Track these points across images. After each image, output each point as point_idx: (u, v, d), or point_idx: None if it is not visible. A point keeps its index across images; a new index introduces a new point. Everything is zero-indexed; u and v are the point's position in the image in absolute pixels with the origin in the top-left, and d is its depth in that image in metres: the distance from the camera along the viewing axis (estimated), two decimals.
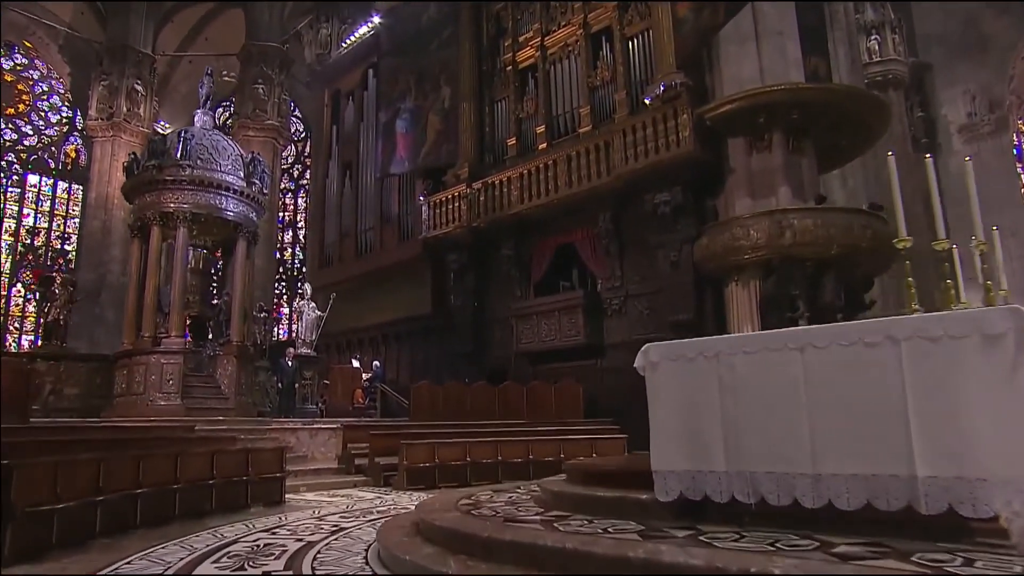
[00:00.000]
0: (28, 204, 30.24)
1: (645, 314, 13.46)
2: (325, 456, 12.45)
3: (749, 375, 3.96)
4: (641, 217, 13.40)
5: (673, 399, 4.28)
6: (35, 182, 30.49)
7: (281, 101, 27.46)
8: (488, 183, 15.91)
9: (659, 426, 4.30)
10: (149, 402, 11.75)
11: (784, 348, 3.83)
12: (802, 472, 3.63)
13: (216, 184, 12.78)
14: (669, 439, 4.22)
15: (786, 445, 3.72)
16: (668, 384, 4.33)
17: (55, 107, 31.65)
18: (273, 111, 27.05)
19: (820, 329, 3.84)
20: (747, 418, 3.91)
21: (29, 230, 30.20)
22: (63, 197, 31.09)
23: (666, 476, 4.18)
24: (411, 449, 9.83)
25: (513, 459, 10.40)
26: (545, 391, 13.54)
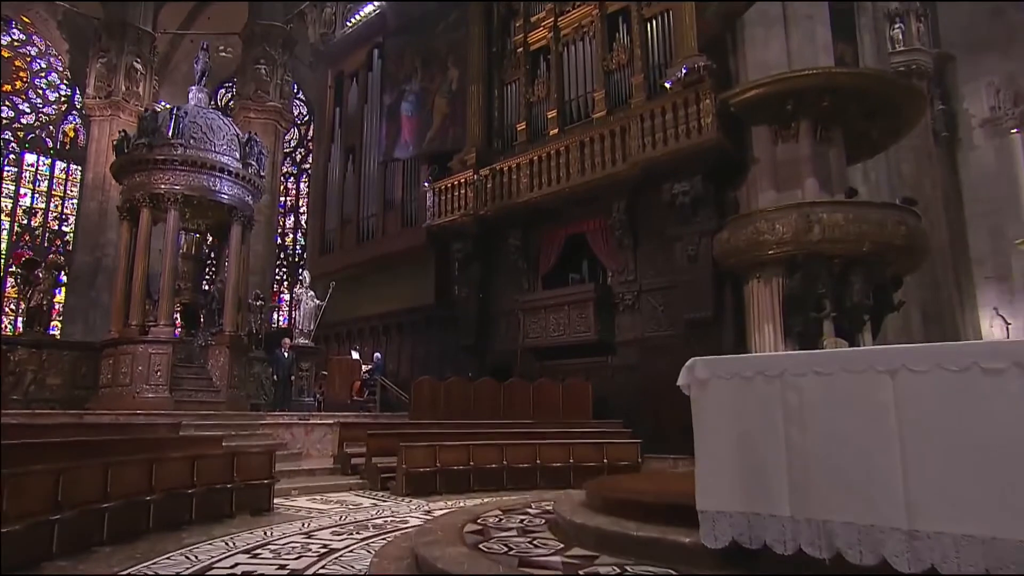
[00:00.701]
0: (25, 184, 29.58)
1: (659, 310, 12.73)
2: (321, 454, 11.80)
3: (822, 401, 3.23)
4: (658, 208, 12.63)
5: (725, 425, 3.56)
6: (32, 161, 29.76)
7: (284, 82, 26.64)
8: (496, 169, 15.13)
9: (707, 457, 3.59)
10: (136, 394, 11.08)
11: (869, 370, 3.10)
12: (894, 526, 2.91)
13: (210, 165, 12.04)
14: (719, 473, 3.50)
15: (871, 490, 3.00)
16: (719, 407, 3.60)
17: (53, 85, 30.86)
18: (275, 93, 26.25)
19: (917, 350, 3.10)
20: (820, 453, 3.19)
21: (26, 210, 29.53)
22: (61, 177, 30.40)
23: (715, 518, 3.47)
24: (410, 452, 9.14)
25: (519, 464, 9.71)
26: (552, 389, 12.84)
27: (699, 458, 3.62)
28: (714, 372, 3.64)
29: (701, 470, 3.58)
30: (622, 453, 10.15)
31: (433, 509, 7.78)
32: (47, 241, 29.74)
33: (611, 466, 9.98)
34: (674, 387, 12.28)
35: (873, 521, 2.97)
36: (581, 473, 9.86)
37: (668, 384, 11.60)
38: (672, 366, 11.27)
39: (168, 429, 8.67)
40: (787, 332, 11.16)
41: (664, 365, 12.52)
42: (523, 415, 12.55)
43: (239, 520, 6.88)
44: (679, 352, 12.61)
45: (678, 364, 11.37)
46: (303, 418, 12.19)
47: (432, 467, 9.16)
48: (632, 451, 10.21)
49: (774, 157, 11.74)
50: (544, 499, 7.15)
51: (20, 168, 29.59)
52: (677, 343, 12.32)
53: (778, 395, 3.36)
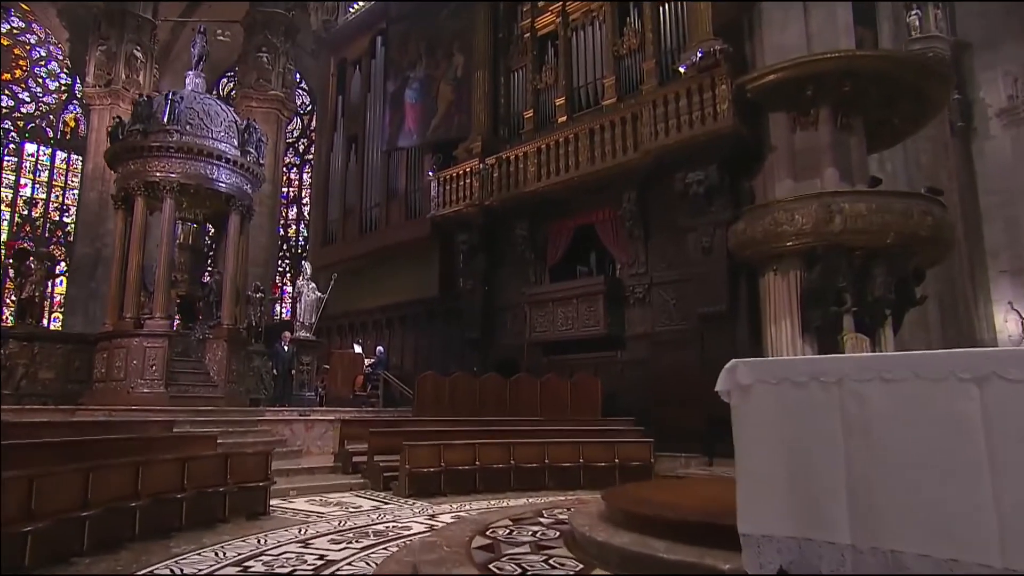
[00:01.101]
0: (26, 174, 29.17)
1: (671, 304, 12.26)
2: (321, 451, 11.40)
3: (890, 412, 2.78)
4: (670, 198, 12.14)
5: (772, 438, 3.11)
6: (33, 151, 29.33)
7: (286, 71, 26.19)
8: (503, 158, 14.64)
9: (750, 474, 3.14)
10: (130, 389, 10.68)
11: (950, 377, 2.65)
12: (982, 562, 2.46)
13: (207, 152, 11.58)
14: (765, 492, 3.05)
15: (953, 519, 2.56)
16: (764, 416, 3.15)
17: (53, 74, 30.37)
18: (277, 81, 25.79)
19: (1011, 354, 2.64)
20: (888, 472, 2.75)
21: (27, 201, 29.15)
22: (62, 168, 29.94)
23: (760, 543, 3.03)
24: (414, 451, 8.72)
25: (527, 464, 9.29)
26: (560, 385, 12.40)
27: (741, 474, 3.18)
28: (759, 376, 3.18)
29: (744, 488, 3.13)
30: (633, 453, 9.72)
31: (437, 513, 7.36)
32: (48, 232, 29.32)
33: (622, 466, 9.55)
34: (686, 383, 11.79)
35: (955, 555, 2.53)
36: (591, 474, 9.46)
37: (679, 380, 11.15)
38: (684, 361, 10.80)
39: (161, 427, 8.27)
40: (805, 327, 10.70)
41: (675, 360, 12.13)
42: (530, 412, 12.13)
43: (232, 526, 6.47)
44: (691, 347, 12.23)
45: (690, 359, 10.88)
46: (303, 414, 11.79)
47: (436, 467, 8.74)
48: (644, 451, 9.78)
49: (792, 145, 11.26)
50: (556, 505, 6.73)
51: (20, 158, 29.20)
52: (689, 338, 11.88)
53: (836, 404, 2.91)
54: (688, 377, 11.72)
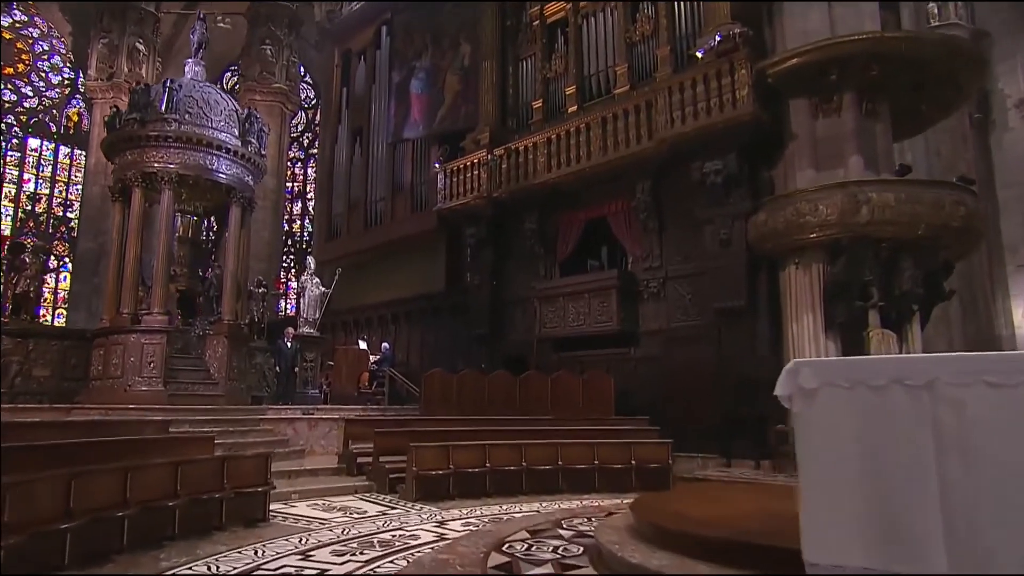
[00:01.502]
0: (29, 169, 28.87)
1: (687, 299, 11.78)
2: (325, 450, 11.01)
3: (996, 422, 2.32)
4: (686, 188, 11.66)
5: (844, 450, 2.64)
6: (36, 146, 28.99)
7: (290, 63, 25.75)
8: (512, 149, 14.17)
9: (818, 492, 2.68)
10: (128, 387, 10.26)
11: None
12: None
13: (206, 142, 11.14)
14: (837, 514, 2.59)
15: None
16: (834, 425, 2.69)
17: (56, 68, 30.00)
18: (281, 74, 25.36)
19: None
20: (994, 494, 2.28)
21: (30, 196, 28.84)
22: (65, 163, 29.58)
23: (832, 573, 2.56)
24: (421, 453, 8.28)
25: (540, 466, 8.83)
26: (572, 383, 11.94)
27: (806, 492, 2.71)
28: (827, 379, 2.72)
29: (810, 509, 2.67)
30: (651, 454, 9.25)
31: (447, 520, 6.93)
32: (51, 228, 28.97)
33: (639, 468, 9.10)
34: (702, 381, 11.20)
35: None
36: (607, 476, 9.02)
37: (695, 377, 10.66)
38: (700, 358, 10.31)
39: (156, 428, 7.84)
40: (828, 323, 10.21)
41: (691, 357, 11.66)
42: (541, 410, 11.68)
43: (229, 534, 6.05)
44: (708, 343, 11.75)
45: (706, 356, 10.37)
46: (307, 412, 11.38)
47: (445, 469, 8.30)
48: (662, 452, 9.31)
49: (814, 133, 10.75)
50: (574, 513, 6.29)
51: (23, 153, 28.89)
52: (706, 334, 11.41)
53: (927, 412, 2.45)
54: (704, 374, 11.28)
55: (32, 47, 29.34)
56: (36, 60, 29.35)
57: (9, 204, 28.40)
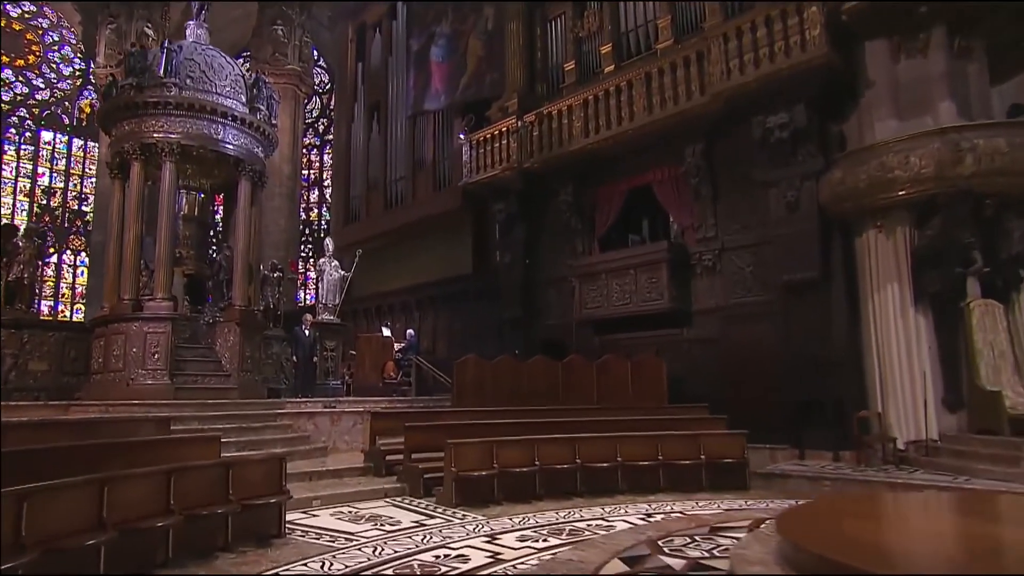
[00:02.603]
0: (43, 162, 28.11)
1: (747, 271, 10.42)
2: (349, 447, 9.87)
3: None
4: (744, 148, 10.29)
5: None
6: (49, 139, 28.20)
7: (302, 44, 24.58)
8: (543, 114, 12.84)
9: None
10: (130, 380, 9.18)
11: None
12: None
13: (210, 109, 9.96)
14: None
15: None
16: None
17: (67, 59, 29.11)
18: (294, 55, 24.21)
19: None
20: None
21: (45, 190, 28.09)
22: (79, 155, 28.75)
23: None
24: (461, 451, 7.06)
25: (596, 463, 7.58)
26: (620, 368, 10.66)
27: None
28: None
29: None
30: (722, 447, 7.95)
31: (497, 532, 5.71)
32: (67, 221, 28.20)
33: (709, 464, 7.80)
34: (767, 363, 9.34)
35: None
36: (672, 474, 7.75)
37: (759, 359, 9.21)
38: (764, 337, 8.87)
39: (155, 427, 6.70)
40: (918, 294, 8.82)
41: (753, 337, 10.31)
42: (585, 400, 10.44)
43: (236, 557, 4.88)
44: (773, 321, 10.33)
45: (771, 335, 8.75)
46: (329, 405, 10.24)
47: (489, 470, 7.08)
48: (735, 445, 7.99)
49: (895, 78, 9.30)
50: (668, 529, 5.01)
51: (37, 146, 28.16)
52: (771, 310, 10.07)
53: None
54: (769, 356, 9.94)
55: (42, 38, 28.48)
56: (47, 51, 28.50)
57: (24, 199, 27.70)
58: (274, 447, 8.76)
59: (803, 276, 9.50)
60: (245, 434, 8.81)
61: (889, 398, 8.77)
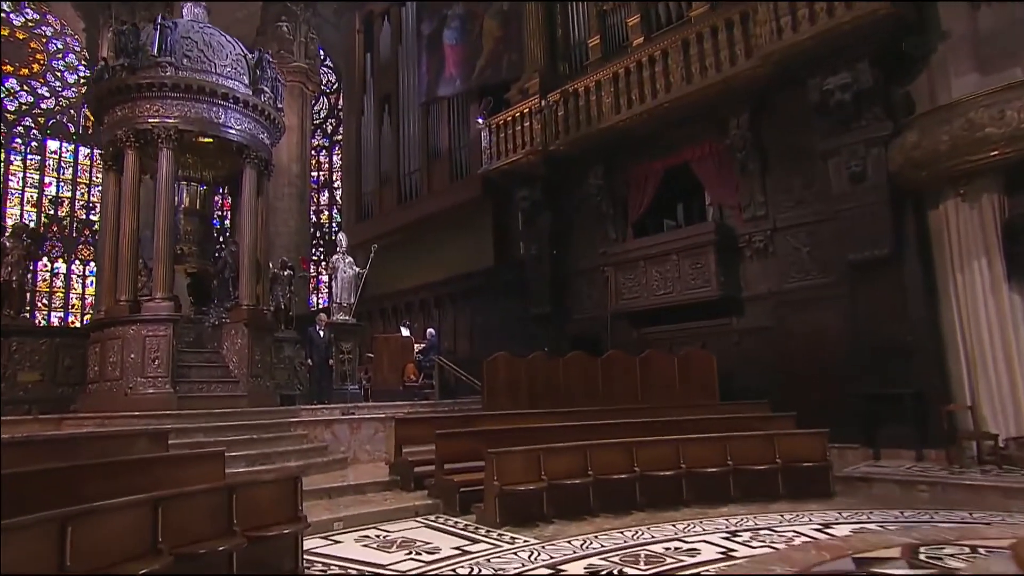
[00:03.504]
0: (49, 172, 27.43)
1: (804, 252, 9.33)
2: (372, 457, 8.85)
3: None
4: (798, 116, 9.23)
5: None
6: (55, 148, 27.49)
7: (308, 40, 23.70)
8: (569, 92, 11.81)
9: None
10: (129, 390, 8.21)
11: None
12: None
13: (210, 90, 9.00)
14: None
15: None
16: None
17: (71, 66, 28.37)
18: (300, 52, 23.33)
19: None
20: None
21: (52, 200, 27.39)
22: (86, 163, 28.02)
23: None
24: (505, 461, 6.02)
25: (656, 471, 6.53)
26: (665, 364, 9.60)
27: None
28: None
29: None
30: (800, 449, 6.86)
31: (559, 562, 4.67)
32: (76, 231, 27.46)
33: (786, 468, 6.71)
34: (830, 352, 7.84)
35: None
36: (744, 481, 6.69)
37: (820, 349, 7.83)
38: (826, 324, 7.20)
39: (149, 442, 5.69)
40: (1012, 270, 7.70)
41: (813, 324, 9.19)
42: (627, 398, 9.38)
43: None
44: (837, 305, 9.13)
45: (835, 321, 6.49)
46: (347, 412, 9.23)
47: (536, 482, 6.03)
48: (815, 446, 6.88)
49: (975, 27, 8.17)
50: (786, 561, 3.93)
51: (43, 156, 27.47)
52: (833, 294, 8.98)
53: None
54: (833, 344, 8.86)
55: (46, 46, 27.78)
56: (51, 59, 27.79)
57: (31, 209, 27.02)
58: (288, 461, 7.77)
59: (872, 254, 8.40)
60: (255, 446, 7.83)
61: (981, 389, 7.65)
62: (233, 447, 7.67)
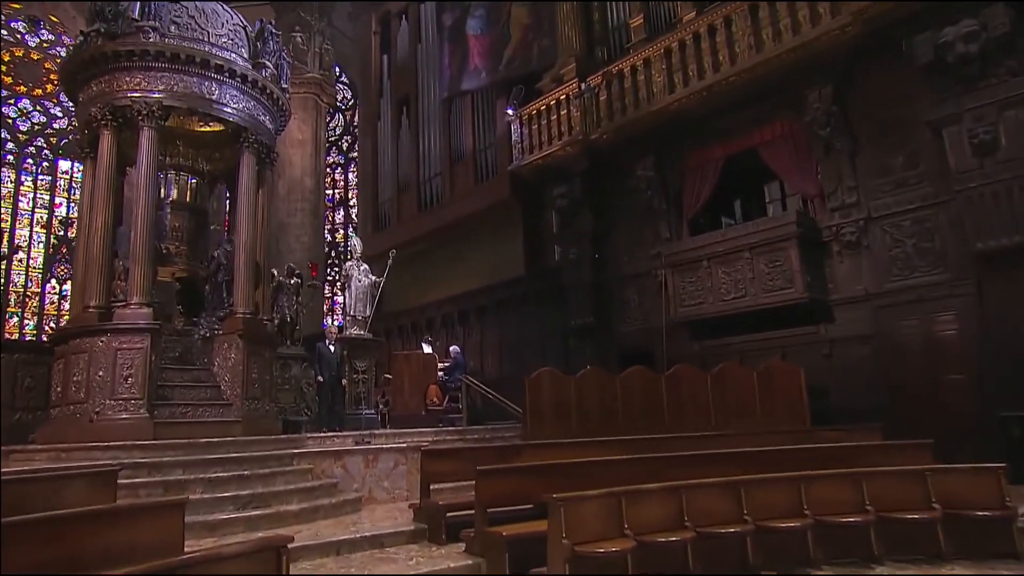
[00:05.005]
0: (60, 193, 26.43)
1: (910, 244, 7.62)
2: (391, 496, 7.17)
3: None
4: (898, 82, 7.63)
5: None
6: (67, 168, 26.53)
7: (323, 51, 22.52)
8: (612, 73, 10.27)
9: None
10: (95, 414, 6.58)
11: None
12: None
13: (202, 61, 7.53)
14: None
15: None
16: None
17: None
18: (314, 63, 22.13)
19: None
20: None
21: (62, 221, 26.34)
22: None
23: None
24: (575, 511, 4.29)
25: (773, 520, 4.75)
26: (742, 380, 7.83)
27: None
28: None
29: None
30: (965, 490, 5.04)
31: None
32: None
33: (949, 518, 4.89)
34: (951, 363, 5.29)
35: None
36: (891, 534, 4.87)
37: (938, 360, 5.90)
38: (942, 329, 5.37)
39: (88, 488, 4.05)
40: None
41: (925, 330, 7.44)
42: (699, 422, 7.62)
43: None
44: (961, 307, 7.19)
45: (959, 326, 5.24)
46: (362, 441, 7.55)
47: (619, 539, 4.30)
48: (989, 487, 5.04)
49: None
50: None
51: (54, 176, 26.51)
52: (954, 293, 7.20)
53: None
54: (957, 355, 7.08)
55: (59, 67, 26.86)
56: None
57: (41, 230, 26.00)
58: (288, 503, 6.10)
59: (1008, 241, 6.66)
60: (248, 485, 6.17)
61: None
62: (220, 486, 6.06)
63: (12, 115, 25.82)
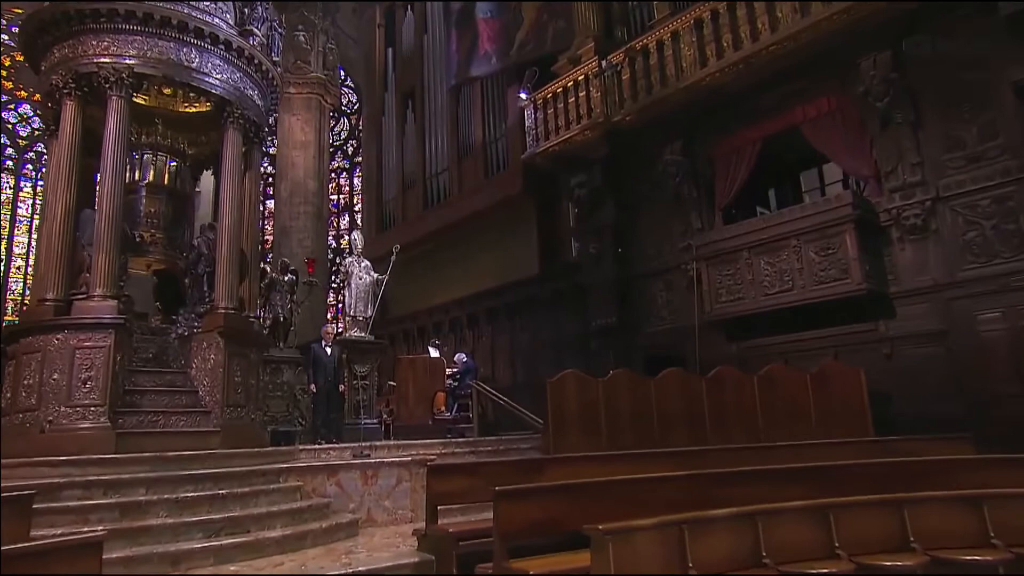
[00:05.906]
0: None
1: (988, 227, 6.59)
2: (392, 518, 6.20)
3: None
4: (967, 41, 6.61)
5: None
6: None
7: (327, 51, 21.74)
8: (635, 49, 9.32)
9: None
10: (47, 424, 5.62)
11: None
12: None
13: (179, 23, 6.65)
14: None
15: None
16: None
17: None
18: (317, 63, 21.35)
19: None
20: None
21: None
22: None
23: None
24: (626, 544, 3.26)
25: (872, 558, 3.70)
26: (794, 383, 6.81)
27: None
28: None
29: None
30: None
31: None
32: None
33: None
34: None
35: None
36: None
37: None
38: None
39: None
40: None
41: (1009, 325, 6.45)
42: (745, 431, 6.61)
43: None
44: None
45: None
46: (359, 453, 6.56)
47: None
48: None
49: None
50: None
51: None
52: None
53: None
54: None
55: None
56: None
57: None
58: (270, 528, 5.13)
59: None
60: (224, 507, 5.20)
61: None
62: (188, 509, 5.06)
63: (12, 120, 25.10)
